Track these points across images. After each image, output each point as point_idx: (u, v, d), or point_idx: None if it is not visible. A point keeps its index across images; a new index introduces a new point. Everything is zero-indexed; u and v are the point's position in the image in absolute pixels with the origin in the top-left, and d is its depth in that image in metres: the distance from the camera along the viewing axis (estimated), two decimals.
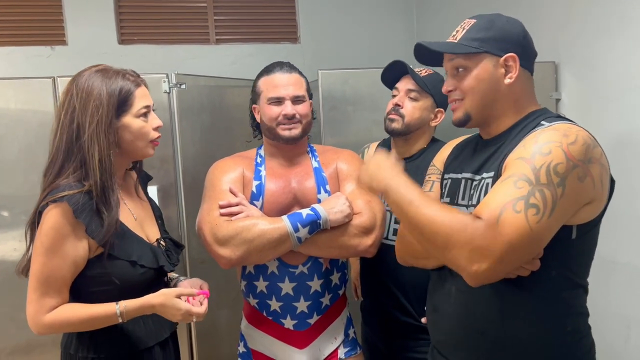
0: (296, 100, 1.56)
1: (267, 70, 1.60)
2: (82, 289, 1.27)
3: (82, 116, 1.24)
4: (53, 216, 1.20)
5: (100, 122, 1.24)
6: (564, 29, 2.19)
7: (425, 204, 1.08)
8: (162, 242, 1.42)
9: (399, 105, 1.71)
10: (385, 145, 1.88)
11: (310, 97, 1.65)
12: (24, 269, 1.29)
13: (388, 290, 1.72)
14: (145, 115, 1.32)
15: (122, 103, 1.28)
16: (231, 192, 1.51)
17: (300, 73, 1.62)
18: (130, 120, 1.30)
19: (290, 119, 1.54)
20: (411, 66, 1.73)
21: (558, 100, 2.24)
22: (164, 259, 1.38)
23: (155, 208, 1.51)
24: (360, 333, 1.90)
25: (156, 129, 1.36)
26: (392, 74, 1.78)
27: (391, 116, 1.72)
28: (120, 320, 1.24)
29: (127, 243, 1.30)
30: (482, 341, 1.15)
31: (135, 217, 1.38)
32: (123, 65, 1.35)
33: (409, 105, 1.71)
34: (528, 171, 1.00)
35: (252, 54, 3.47)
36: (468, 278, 1.03)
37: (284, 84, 1.55)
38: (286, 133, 1.55)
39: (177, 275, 1.50)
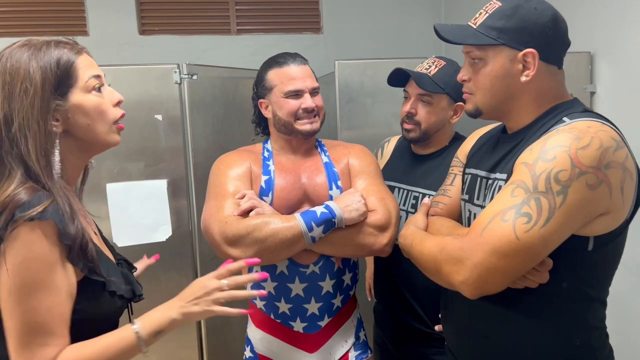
0: (314, 92, 1.51)
1: (277, 62, 1.52)
2: None
3: (8, 103, 0.94)
4: (33, 242, 0.89)
5: (33, 105, 0.93)
6: (600, 17, 2.06)
7: (419, 240, 1.17)
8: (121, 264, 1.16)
9: (412, 113, 1.60)
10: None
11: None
12: None
13: (401, 296, 1.65)
14: (98, 89, 1.02)
15: (64, 77, 0.97)
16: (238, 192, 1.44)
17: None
18: (80, 97, 0.98)
19: (310, 112, 1.49)
20: (426, 57, 1.61)
21: (593, 93, 2.11)
22: (138, 287, 1.11)
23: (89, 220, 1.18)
24: (372, 335, 1.84)
25: (117, 104, 1.05)
26: (399, 75, 1.65)
27: (406, 126, 1.62)
28: (144, 351, 0.98)
29: (102, 267, 1.01)
30: (486, 345, 1.14)
31: (95, 231, 1.11)
32: (143, 56, 1.24)
33: (423, 111, 1.59)
34: (527, 178, 0.96)
35: (274, 44, 3.40)
36: (462, 292, 1.01)
37: (301, 76, 1.49)
38: (307, 127, 1.49)
39: None
